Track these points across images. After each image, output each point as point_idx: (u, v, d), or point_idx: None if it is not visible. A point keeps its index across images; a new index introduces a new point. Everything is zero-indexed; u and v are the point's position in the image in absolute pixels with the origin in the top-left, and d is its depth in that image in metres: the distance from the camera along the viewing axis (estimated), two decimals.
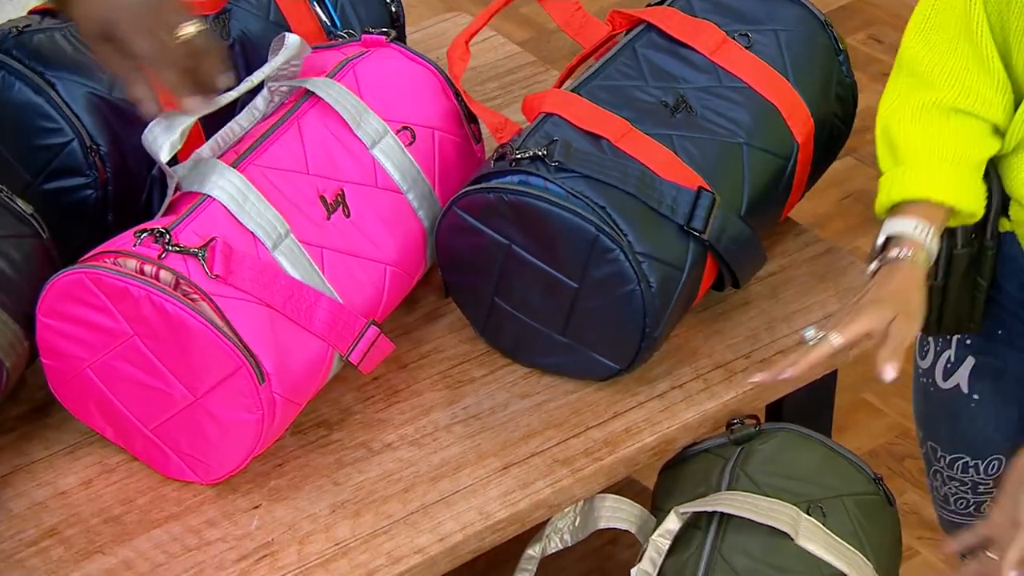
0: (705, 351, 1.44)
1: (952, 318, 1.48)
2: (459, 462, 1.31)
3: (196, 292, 1.21)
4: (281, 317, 1.25)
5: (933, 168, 1.35)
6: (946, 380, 1.59)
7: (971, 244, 1.43)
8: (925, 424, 1.68)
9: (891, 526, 1.37)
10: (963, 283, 1.45)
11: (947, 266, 1.44)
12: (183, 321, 1.20)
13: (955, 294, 1.46)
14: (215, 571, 1.20)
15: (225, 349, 1.20)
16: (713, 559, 1.26)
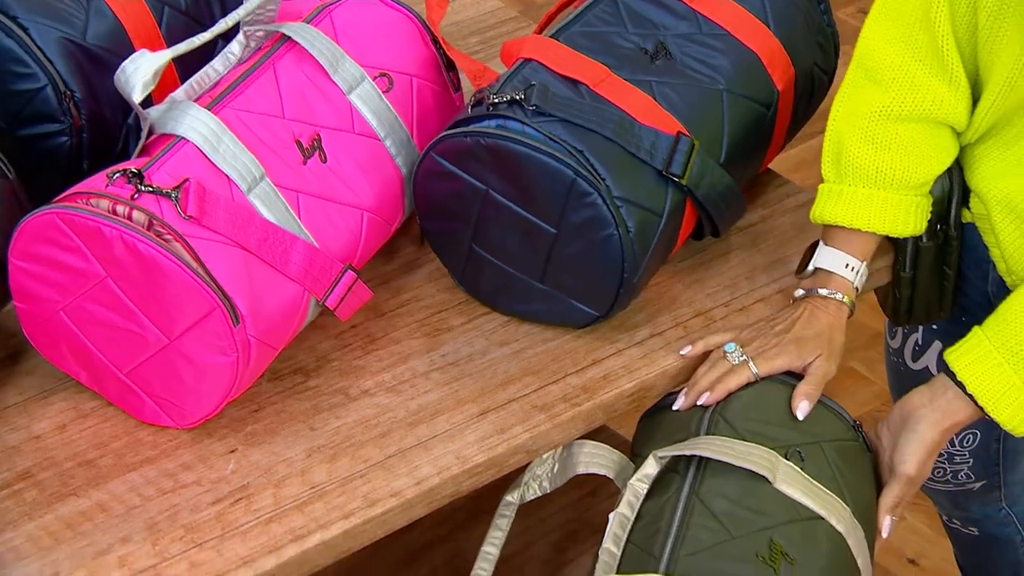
0: (685, 299, 1.44)
1: (922, 308, 1.49)
2: (436, 408, 1.31)
3: (170, 233, 1.20)
4: (256, 260, 1.24)
5: (871, 195, 1.37)
6: (915, 362, 1.60)
7: (936, 236, 1.44)
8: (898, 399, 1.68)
9: (869, 472, 1.37)
10: (931, 274, 1.47)
11: (915, 258, 1.45)
12: (156, 262, 1.18)
13: (924, 285, 1.47)
14: (190, 513, 1.19)
15: (199, 290, 1.19)
16: (691, 502, 1.25)
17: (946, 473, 1.70)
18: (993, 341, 1.29)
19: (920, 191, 1.37)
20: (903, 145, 1.34)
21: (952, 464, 1.68)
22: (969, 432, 1.63)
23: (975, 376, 1.30)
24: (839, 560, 1.27)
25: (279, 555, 1.16)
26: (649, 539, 1.24)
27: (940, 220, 1.42)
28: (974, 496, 1.72)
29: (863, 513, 1.32)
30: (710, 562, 1.20)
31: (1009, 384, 1.29)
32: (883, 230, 1.36)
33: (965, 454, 1.66)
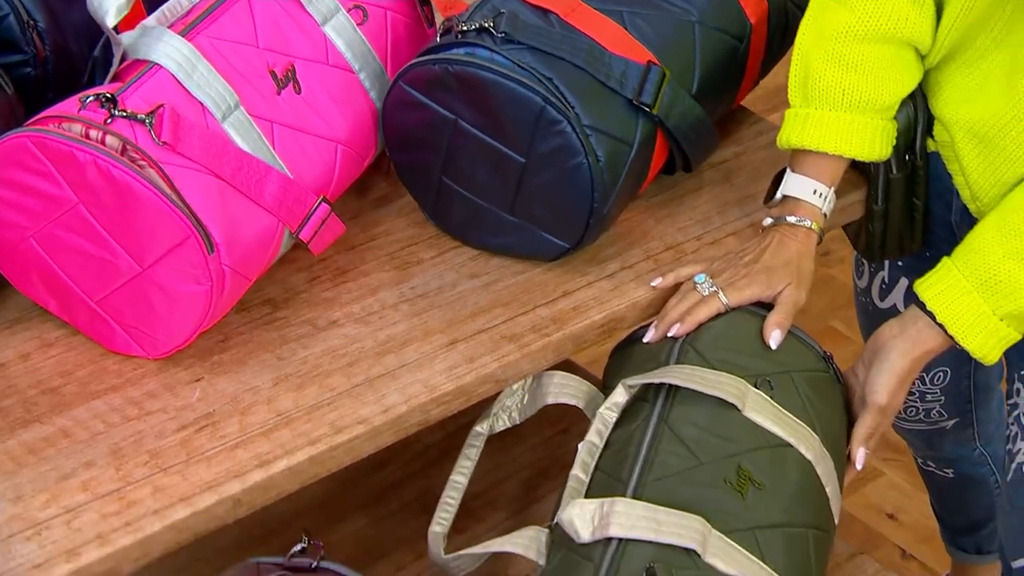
0: (656, 234, 1.43)
1: (895, 241, 1.49)
2: (405, 338, 1.30)
3: (144, 159, 1.18)
4: (230, 189, 1.23)
5: (838, 118, 1.36)
6: (883, 300, 1.60)
7: (905, 167, 1.43)
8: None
9: (839, 403, 1.36)
10: (902, 206, 1.46)
11: (886, 190, 1.45)
12: (130, 187, 1.17)
13: (896, 217, 1.47)
14: (155, 440, 1.18)
15: (173, 217, 1.18)
16: (660, 429, 1.25)
17: (918, 412, 1.70)
18: (962, 270, 1.29)
19: (886, 115, 1.36)
20: (870, 66, 1.34)
21: (924, 402, 1.68)
22: (939, 370, 1.63)
23: (945, 305, 1.29)
24: (808, 487, 1.27)
25: (244, 480, 1.16)
26: (617, 465, 1.23)
27: (907, 150, 1.42)
28: (948, 435, 1.72)
29: (832, 443, 1.32)
30: (678, 487, 1.20)
31: (978, 312, 1.28)
32: (850, 153, 1.36)
33: (936, 391, 1.66)
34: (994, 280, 1.27)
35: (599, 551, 1.15)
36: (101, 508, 1.12)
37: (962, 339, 1.29)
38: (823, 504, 1.29)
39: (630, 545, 1.15)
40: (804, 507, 1.26)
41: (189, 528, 1.13)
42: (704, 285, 1.35)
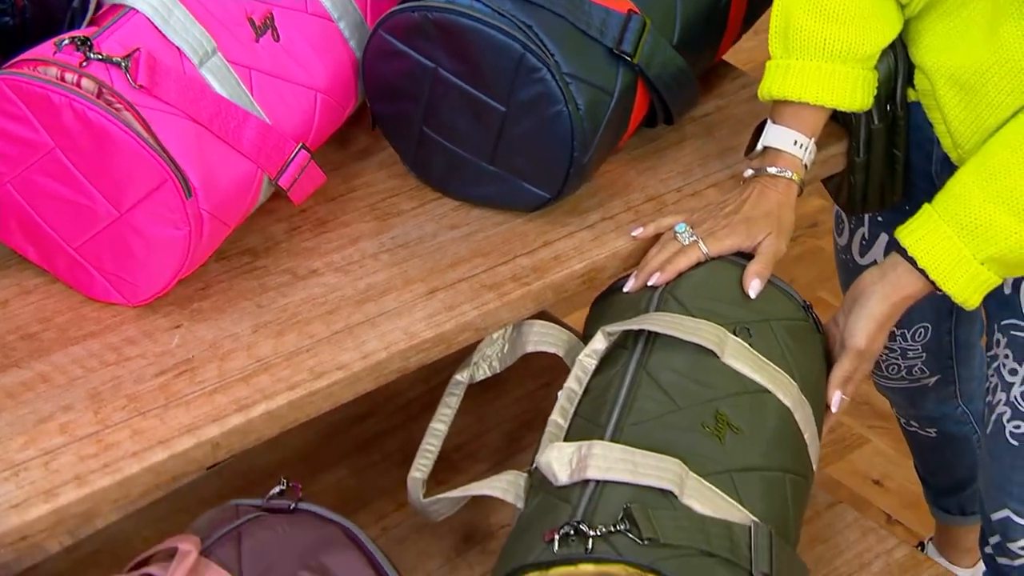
0: (637, 185, 1.43)
1: (876, 194, 1.49)
2: (385, 287, 1.30)
3: (120, 101, 1.18)
4: (208, 134, 1.23)
5: (819, 68, 1.36)
6: (863, 256, 1.60)
7: (886, 117, 1.43)
8: None
9: (818, 352, 1.37)
10: (884, 157, 1.46)
11: (868, 142, 1.45)
12: (106, 130, 1.17)
13: (877, 168, 1.47)
14: (133, 384, 1.18)
15: (150, 161, 1.17)
16: (638, 375, 1.25)
17: (900, 369, 1.70)
18: (943, 216, 1.29)
19: (866, 64, 1.36)
20: (850, 16, 1.33)
21: (906, 359, 1.68)
22: (920, 326, 1.63)
23: (926, 250, 1.30)
24: (785, 432, 1.27)
25: (223, 424, 1.16)
26: (596, 411, 1.24)
27: (888, 100, 1.42)
28: (930, 393, 1.72)
29: (811, 390, 1.32)
30: (655, 431, 1.20)
31: (959, 256, 1.29)
32: (831, 103, 1.36)
33: (918, 348, 1.66)
34: (974, 224, 1.27)
35: (576, 493, 1.15)
36: (79, 450, 1.12)
37: (943, 283, 1.30)
38: (801, 450, 1.30)
39: (607, 487, 1.15)
40: (781, 452, 1.26)
41: (168, 471, 1.13)
42: (684, 235, 1.35)
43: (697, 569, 1.12)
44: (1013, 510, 1.51)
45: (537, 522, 1.16)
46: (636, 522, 1.12)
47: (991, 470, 1.50)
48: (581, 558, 1.11)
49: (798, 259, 2.92)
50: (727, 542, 1.15)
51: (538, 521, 1.16)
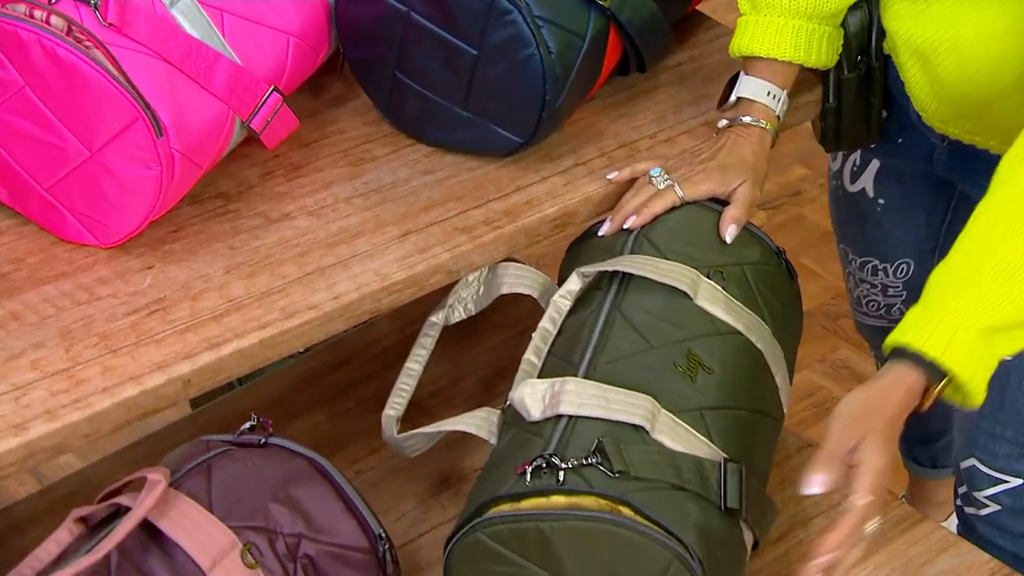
0: (611, 132, 1.44)
1: (849, 136, 1.50)
2: (357, 230, 1.30)
3: (90, 39, 1.18)
4: (179, 74, 1.22)
5: (784, 24, 1.36)
6: (853, 183, 1.61)
7: (858, 68, 1.44)
8: (838, 227, 1.71)
9: (791, 298, 1.38)
10: (855, 104, 1.47)
11: (837, 89, 1.46)
12: (76, 68, 1.17)
13: (849, 114, 1.48)
14: (105, 323, 1.18)
15: (120, 99, 1.17)
16: (612, 315, 1.26)
17: (879, 307, 1.71)
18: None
19: (832, 21, 1.37)
20: None
21: (886, 296, 1.69)
22: (903, 262, 1.64)
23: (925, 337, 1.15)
24: (757, 374, 1.28)
25: (194, 361, 1.16)
26: (569, 350, 1.24)
27: (861, 51, 1.42)
28: None
29: (782, 334, 1.33)
30: (628, 369, 1.21)
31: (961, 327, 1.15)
32: (798, 59, 1.36)
33: (899, 285, 1.66)
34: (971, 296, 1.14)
35: (549, 428, 1.16)
36: (50, 386, 1.12)
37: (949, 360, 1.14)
38: (772, 392, 1.31)
39: (580, 422, 1.16)
40: (753, 393, 1.27)
41: (139, 407, 1.13)
42: (659, 179, 1.35)
43: (667, 502, 1.13)
44: (979, 459, 1.52)
45: (509, 456, 1.17)
46: (608, 455, 1.13)
47: (962, 417, 1.51)
48: (553, 490, 1.12)
49: (781, 226, 2.93)
50: (697, 477, 1.16)
51: (510, 455, 1.17)
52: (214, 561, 1.03)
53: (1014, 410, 1.46)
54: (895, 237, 1.65)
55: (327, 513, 1.10)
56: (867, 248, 1.65)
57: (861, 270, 1.67)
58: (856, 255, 1.67)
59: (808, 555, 1.10)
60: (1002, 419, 1.47)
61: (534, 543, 1.12)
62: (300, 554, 1.08)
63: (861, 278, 1.68)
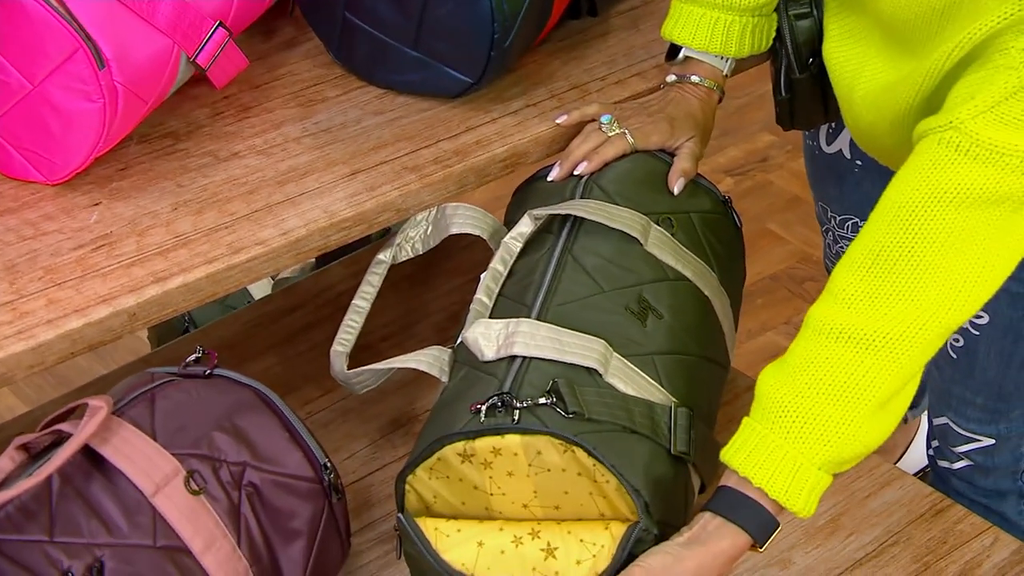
0: (562, 75, 1.44)
1: (804, 120, 1.48)
2: (306, 169, 1.30)
3: None
4: (122, 7, 1.22)
5: (705, 15, 1.36)
6: (829, 145, 1.60)
7: (809, 69, 1.41)
8: (815, 185, 1.69)
9: (737, 246, 1.38)
10: (809, 97, 1.44)
11: (789, 86, 1.43)
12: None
13: (802, 105, 1.46)
14: (50, 257, 1.18)
15: (60, 30, 1.17)
16: (564, 258, 1.26)
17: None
18: (762, 423, 1.13)
19: (761, 11, 1.36)
20: None
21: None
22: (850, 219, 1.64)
23: (755, 463, 1.12)
24: (704, 321, 1.29)
25: (140, 295, 1.16)
26: (521, 292, 1.24)
27: (812, 55, 1.40)
28: None
29: (728, 283, 1.34)
30: (580, 312, 1.21)
31: (794, 463, 1.11)
32: (714, 50, 1.36)
33: None
34: (799, 422, 1.11)
35: (503, 368, 1.16)
36: None
37: (785, 497, 1.11)
38: (719, 339, 1.31)
39: (533, 363, 1.16)
40: (701, 339, 1.28)
41: (84, 339, 1.13)
42: (610, 126, 1.35)
43: (619, 445, 1.14)
44: (951, 419, 1.53)
45: (463, 394, 1.17)
46: (562, 396, 1.13)
47: (935, 378, 1.52)
48: (508, 429, 1.12)
49: (748, 192, 2.94)
50: (648, 420, 1.17)
51: (464, 393, 1.17)
52: (157, 487, 1.03)
53: (984, 380, 1.47)
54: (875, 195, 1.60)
55: (272, 442, 1.10)
56: (847, 207, 1.63)
57: (841, 227, 1.65)
58: (836, 213, 1.65)
59: None
60: (972, 386, 1.49)
61: None
62: (245, 482, 1.08)
63: (841, 235, 1.66)
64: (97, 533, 1.01)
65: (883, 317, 1.07)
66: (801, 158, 3.02)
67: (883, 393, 1.08)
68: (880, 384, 1.08)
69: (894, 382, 1.08)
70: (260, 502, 1.08)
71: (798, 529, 1.29)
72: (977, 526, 1.29)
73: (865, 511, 1.30)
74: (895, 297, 1.08)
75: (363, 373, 1.29)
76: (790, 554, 1.27)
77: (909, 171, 1.10)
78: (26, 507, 1.00)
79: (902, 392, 1.10)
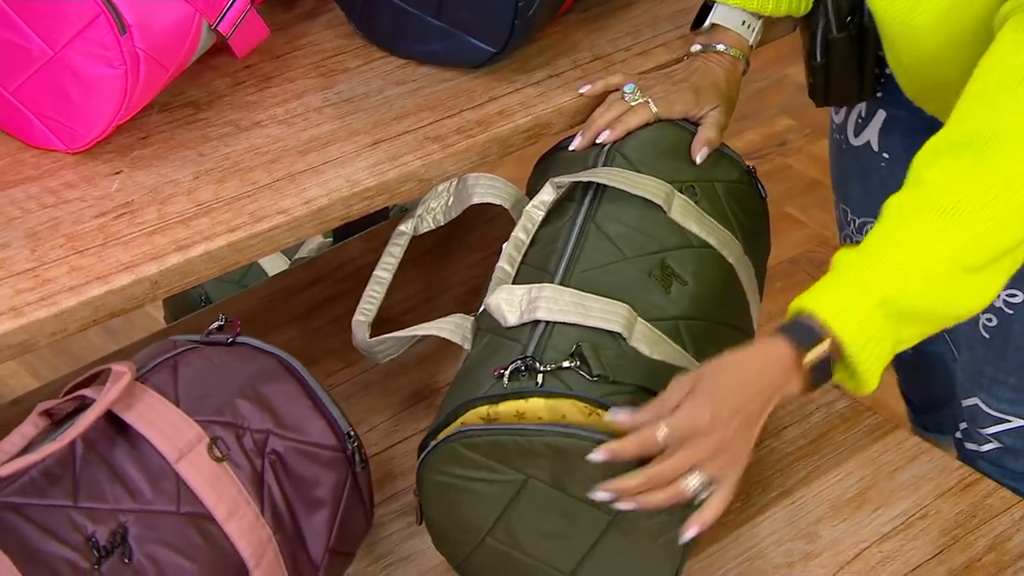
0: (585, 45, 1.43)
1: (839, 93, 1.46)
2: (328, 138, 1.29)
3: None
4: None
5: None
6: (857, 136, 1.57)
7: (848, 28, 1.40)
8: (838, 185, 1.66)
9: (761, 216, 1.37)
10: (846, 62, 1.43)
11: (825, 49, 1.42)
12: None
13: (838, 72, 1.44)
14: (72, 225, 1.17)
15: None
16: (587, 225, 1.25)
17: None
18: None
19: None
20: None
21: None
22: None
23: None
24: (729, 288, 1.27)
25: (162, 262, 1.15)
26: (544, 259, 1.23)
27: (852, 12, 1.39)
28: None
29: (752, 252, 1.32)
30: (604, 278, 1.20)
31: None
32: (757, 7, 1.34)
33: None
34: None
35: (526, 333, 1.16)
36: (15, 284, 1.11)
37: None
38: (743, 307, 1.30)
39: (557, 328, 1.15)
40: (725, 306, 1.27)
41: (106, 306, 1.12)
42: (633, 95, 1.34)
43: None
44: (982, 400, 1.51)
45: (486, 360, 1.16)
46: (586, 360, 1.12)
47: (966, 359, 1.50)
48: (532, 392, 1.11)
49: (766, 176, 2.91)
50: None
51: (487, 359, 1.16)
52: (180, 454, 1.02)
53: (1017, 360, 1.45)
54: None
55: (295, 410, 1.09)
56: (867, 207, 1.59)
57: (860, 232, 1.62)
58: (856, 215, 1.61)
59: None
60: (1004, 367, 1.46)
61: (511, 453, 1.11)
62: (268, 450, 1.07)
63: (859, 241, 1.63)
64: (121, 499, 1.00)
65: (964, 188, 1.06)
66: (819, 142, 3.04)
67: (967, 257, 1.06)
68: (962, 247, 1.05)
69: (980, 249, 1.06)
70: (283, 470, 1.07)
71: (825, 502, 1.28)
72: (1007, 500, 1.28)
73: (893, 484, 1.29)
74: (976, 171, 1.06)
75: (386, 341, 1.28)
76: (816, 528, 1.26)
77: (992, 57, 1.08)
78: (50, 472, 0.99)
79: (997, 264, 1.07)
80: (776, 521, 1.27)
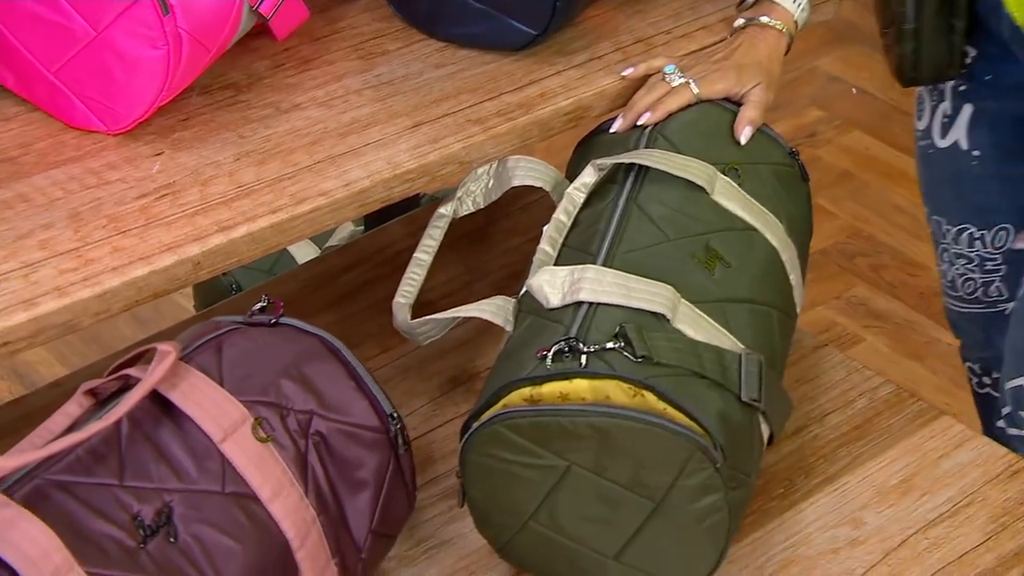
0: (626, 28, 1.42)
1: (929, 65, 1.44)
2: (369, 121, 1.28)
3: None
4: None
5: None
6: (944, 137, 1.53)
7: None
8: (929, 195, 1.62)
9: (804, 198, 1.36)
10: (936, 26, 1.41)
11: (917, 9, 1.40)
12: None
13: (929, 38, 1.42)
14: (114, 206, 1.17)
15: None
16: (629, 207, 1.24)
17: (976, 287, 1.61)
18: None
19: None
20: None
21: (983, 273, 1.59)
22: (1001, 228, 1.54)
23: None
24: (772, 271, 1.27)
25: (204, 243, 1.14)
26: (586, 241, 1.23)
27: None
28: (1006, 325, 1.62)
29: (796, 234, 1.31)
30: (647, 259, 1.19)
31: None
32: None
33: (998, 258, 1.57)
34: None
35: (569, 314, 1.15)
36: (59, 264, 1.11)
37: None
38: (787, 290, 1.29)
39: (600, 309, 1.15)
40: (769, 288, 1.26)
41: (149, 287, 1.12)
42: (674, 76, 1.33)
43: (689, 389, 1.12)
44: None
45: (529, 342, 1.15)
46: (630, 341, 1.12)
47: (1014, 336, 1.46)
48: (576, 373, 1.10)
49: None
50: (718, 366, 1.15)
51: (529, 341, 1.15)
52: (225, 434, 1.02)
53: None
54: (994, 196, 1.53)
55: (339, 391, 1.09)
56: (963, 213, 1.55)
57: (956, 242, 1.57)
58: (951, 224, 1.57)
59: None
60: None
61: (554, 435, 1.10)
62: (312, 431, 1.06)
63: (957, 252, 1.58)
64: (166, 478, 0.99)
65: None
66: (850, 133, 3.03)
67: None
68: None
69: None
70: (327, 451, 1.07)
71: (870, 489, 1.26)
72: None
73: (938, 471, 1.28)
74: None
75: (427, 323, 1.27)
76: (861, 514, 1.25)
77: None
78: (96, 451, 0.99)
79: None
80: (820, 507, 1.26)
